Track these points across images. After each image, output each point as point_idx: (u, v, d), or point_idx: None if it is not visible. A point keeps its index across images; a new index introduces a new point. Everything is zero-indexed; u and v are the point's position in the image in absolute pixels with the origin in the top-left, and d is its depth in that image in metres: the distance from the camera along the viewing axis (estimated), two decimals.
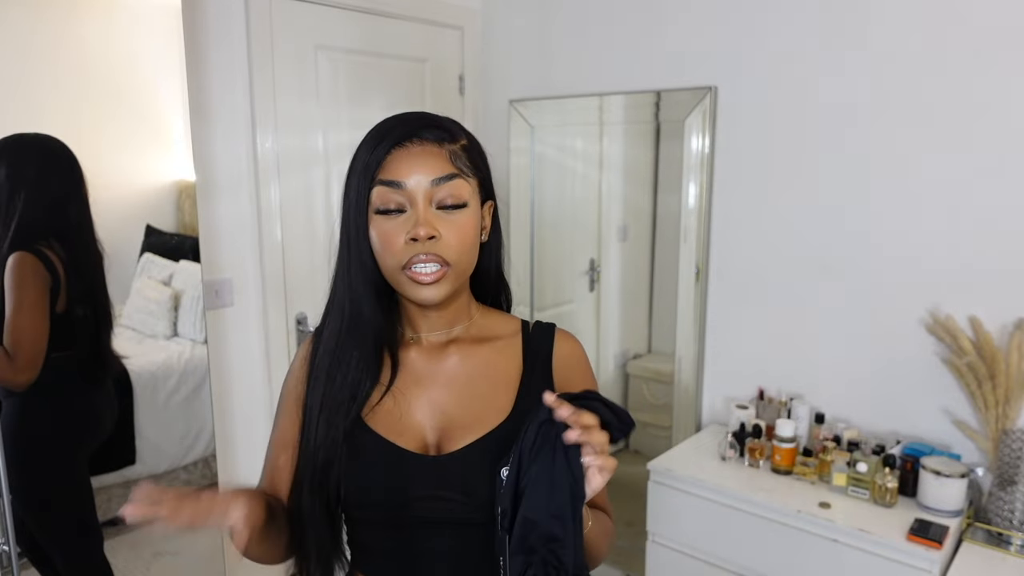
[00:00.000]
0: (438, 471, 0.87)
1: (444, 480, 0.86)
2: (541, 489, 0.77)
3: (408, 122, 0.87)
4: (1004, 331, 1.84)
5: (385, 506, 0.87)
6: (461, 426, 0.89)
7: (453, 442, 0.88)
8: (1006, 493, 1.77)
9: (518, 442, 0.80)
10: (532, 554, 0.78)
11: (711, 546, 2.02)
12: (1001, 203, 1.83)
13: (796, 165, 2.16)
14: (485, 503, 0.85)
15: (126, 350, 1.89)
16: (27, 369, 1.61)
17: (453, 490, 0.86)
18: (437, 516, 0.87)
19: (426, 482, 0.86)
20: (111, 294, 1.81)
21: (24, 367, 1.61)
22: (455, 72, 2.80)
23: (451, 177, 0.84)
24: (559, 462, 0.77)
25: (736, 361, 2.37)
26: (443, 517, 0.87)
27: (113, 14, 1.74)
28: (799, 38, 2.11)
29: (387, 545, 0.90)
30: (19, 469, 1.63)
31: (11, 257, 1.58)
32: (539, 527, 0.78)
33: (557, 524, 0.77)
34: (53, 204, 1.68)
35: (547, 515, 0.78)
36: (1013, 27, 1.77)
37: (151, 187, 1.91)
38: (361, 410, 0.90)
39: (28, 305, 1.59)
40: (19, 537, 1.68)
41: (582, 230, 2.97)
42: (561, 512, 0.77)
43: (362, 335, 0.89)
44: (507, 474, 0.80)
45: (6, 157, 1.57)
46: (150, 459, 1.92)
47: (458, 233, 0.85)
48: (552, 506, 0.77)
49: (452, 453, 0.88)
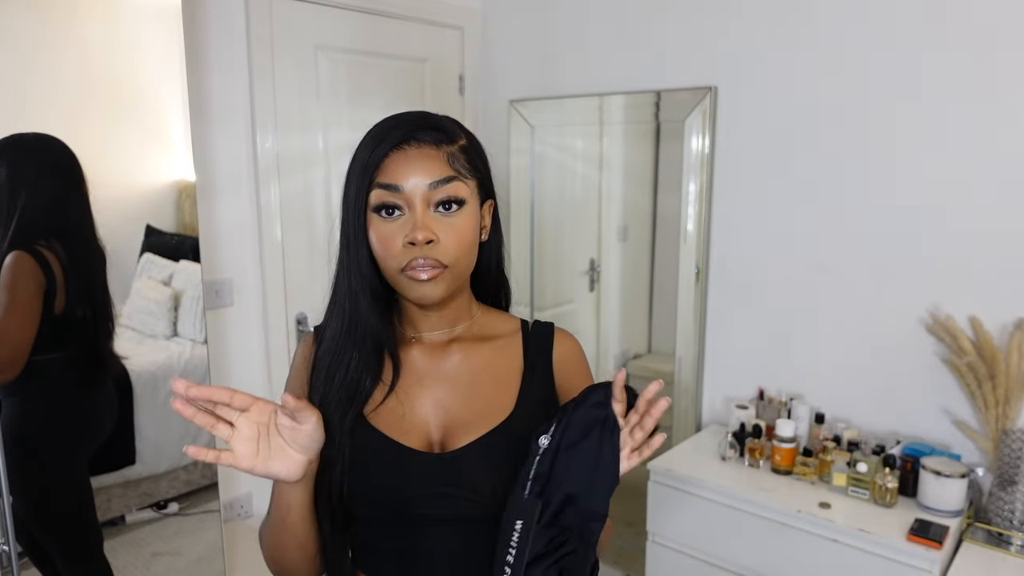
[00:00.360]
0: (443, 468, 0.87)
1: (449, 477, 0.87)
2: (586, 466, 0.80)
3: (406, 123, 0.86)
4: (1004, 331, 1.84)
5: (390, 504, 0.88)
6: (464, 424, 0.90)
7: (457, 440, 0.89)
8: (1006, 493, 1.77)
9: (566, 414, 0.83)
10: (567, 531, 0.80)
11: (711, 546, 2.02)
12: (1001, 203, 1.83)
13: (796, 165, 2.16)
14: (489, 499, 0.86)
15: (126, 350, 1.89)
16: (6, 369, 1.61)
17: (458, 487, 0.87)
18: (441, 513, 0.87)
19: (431, 479, 0.87)
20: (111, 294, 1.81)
21: (3, 367, 1.61)
22: (455, 72, 2.81)
23: (448, 180, 0.84)
24: (606, 445, 0.80)
25: (736, 361, 2.37)
26: (447, 514, 0.87)
27: (113, 14, 1.74)
28: (799, 38, 2.11)
29: (389, 544, 0.91)
30: (19, 469, 1.63)
31: (8, 256, 1.58)
32: (579, 503, 0.80)
33: (598, 503, 0.80)
34: (53, 204, 1.68)
35: (589, 492, 0.80)
36: (1014, 25, 1.77)
37: (151, 187, 1.90)
38: (361, 410, 0.90)
39: (17, 306, 1.59)
40: (20, 537, 1.68)
41: (582, 230, 2.97)
42: (603, 493, 0.80)
43: (361, 335, 0.90)
44: (547, 443, 0.82)
45: (6, 157, 1.58)
46: (150, 459, 1.92)
47: (455, 235, 0.85)
48: (596, 485, 0.80)
49: (456, 450, 0.88)
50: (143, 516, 1.95)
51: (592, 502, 0.80)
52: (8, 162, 1.58)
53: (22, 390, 1.67)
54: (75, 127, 1.65)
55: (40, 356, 1.68)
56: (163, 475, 1.97)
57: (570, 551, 0.80)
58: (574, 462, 0.81)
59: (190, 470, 2.02)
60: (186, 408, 0.75)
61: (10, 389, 1.65)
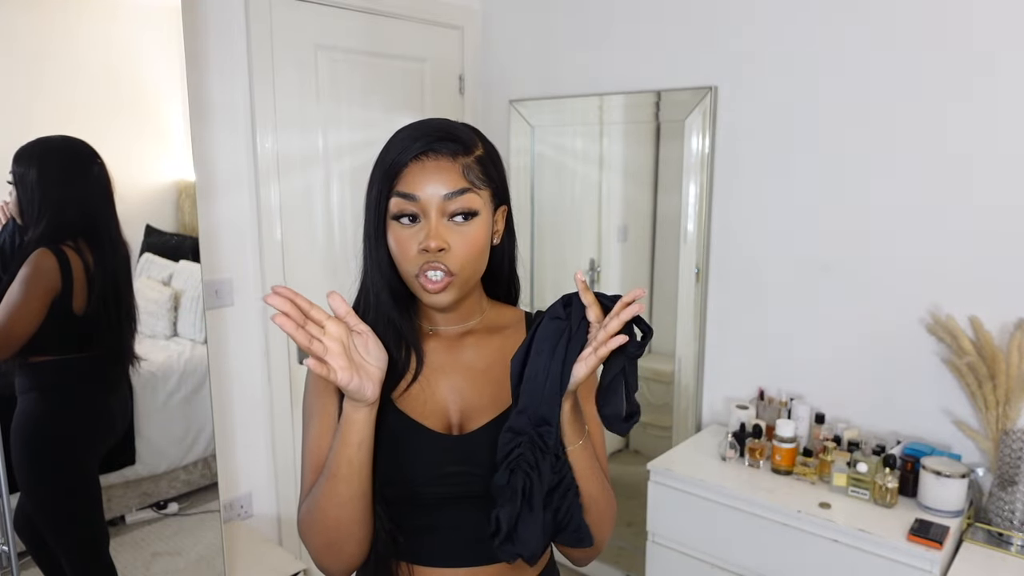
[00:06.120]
0: (463, 448, 0.95)
1: (469, 456, 0.94)
2: (539, 379, 0.86)
3: (426, 134, 0.92)
4: (1004, 331, 1.84)
5: (415, 482, 0.94)
6: (479, 408, 0.98)
7: (473, 422, 0.97)
8: (1006, 493, 1.77)
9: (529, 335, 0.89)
10: (521, 435, 0.87)
11: (711, 546, 2.02)
12: (1001, 203, 1.83)
13: (796, 165, 2.16)
14: None
15: None
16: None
17: (477, 465, 0.93)
18: (461, 491, 0.94)
19: (453, 459, 0.94)
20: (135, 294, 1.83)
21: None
22: (455, 72, 2.80)
23: (462, 192, 0.90)
24: (557, 356, 0.86)
25: (736, 361, 2.37)
26: (467, 492, 0.94)
27: (113, 14, 1.74)
28: (799, 38, 2.11)
29: (410, 522, 0.96)
30: (33, 469, 1.63)
31: (33, 252, 1.61)
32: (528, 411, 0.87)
33: (547, 408, 0.86)
34: (80, 204, 1.71)
35: (539, 401, 0.86)
36: (1014, 25, 1.77)
37: (151, 187, 1.90)
38: (390, 394, 0.96)
39: (15, 303, 1.60)
40: (28, 537, 1.68)
41: (582, 230, 2.97)
42: (550, 399, 0.86)
43: (384, 328, 0.96)
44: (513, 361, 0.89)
45: (35, 160, 1.60)
46: (150, 459, 1.92)
47: (467, 244, 0.91)
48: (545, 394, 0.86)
49: (474, 432, 0.96)
50: (143, 516, 1.95)
51: (542, 409, 0.86)
52: (38, 164, 1.61)
53: (41, 388, 1.67)
54: (74, 127, 1.65)
55: (62, 355, 1.69)
56: (163, 475, 1.97)
57: (520, 454, 0.87)
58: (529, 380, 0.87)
59: (190, 470, 2.02)
60: (287, 322, 0.79)
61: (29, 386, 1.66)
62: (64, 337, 1.69)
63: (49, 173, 1.63)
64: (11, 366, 1.64)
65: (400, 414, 0.96)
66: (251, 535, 2.27)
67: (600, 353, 0.83)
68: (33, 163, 1.60)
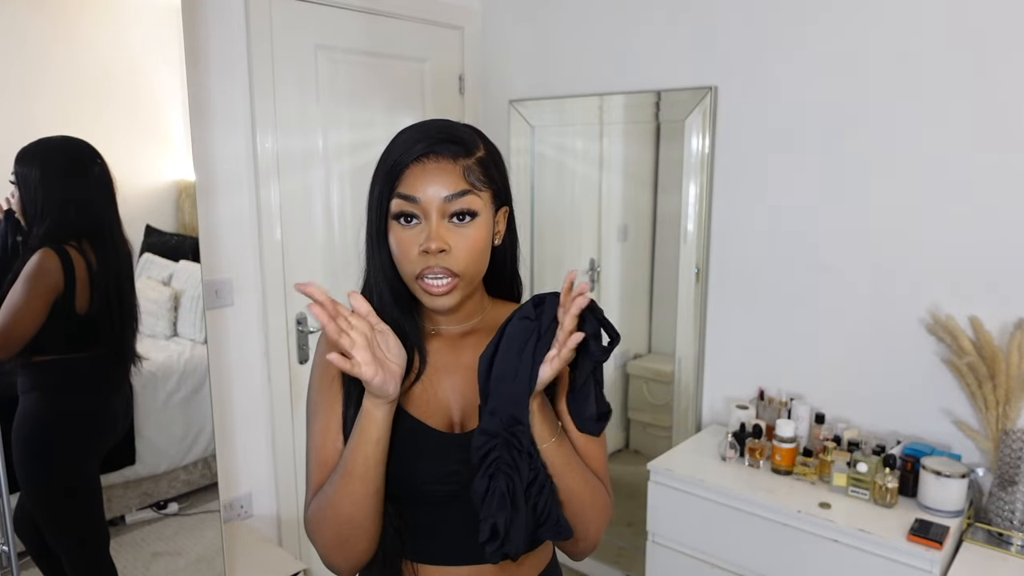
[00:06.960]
0: (465, 446, 0.94)
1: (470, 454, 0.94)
2: (507, 379, 0.88)
3: (428, 135, 0.92)
4: (1004, 331, 1.84)
5: (420, 480, 0.95)
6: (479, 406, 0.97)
7: (474, 421, 0.97)
8: (1006, 493, 1.77)
9: (497, 333, 0.90)
10: (495, 437, 0.88)
11: (711, 546, 2.02)
12: (1001, 203, 1.83)
13: (796, 165, 2.16)
14: None
15: None
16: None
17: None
18: (464, 489, 0.93)
19: (456, 457, 0.95)
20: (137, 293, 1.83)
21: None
22: (455, 72, 2.80)
23: (463, 193, 0.91)
24: (525, 357, 0.87)
25: (736, 361, 2.37)
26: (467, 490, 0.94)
27: (113, 14, 1.74)
28: (799, 38, 2.11)
29: (414, 520, 0.97)
30: (34, 468, 1.63)
31: (36, 252, 1.61)
32: (500, 412, 0.88)
33: (517, 408, 0.87)
34: (83, 204, 1.72)
35: (509, 401, 0.87)
36: (1014, 25, 1.77)
37: (151, 187, 1.90)
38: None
39: (23, 300, 1.60)
40: (28, 537, 1.68)
41: (582, 230, 2.97)
42: (519, 399, 0.87)
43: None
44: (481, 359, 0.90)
45: (38, 160, 1.61)
46: (150, 459, 1.92)
47: (468, 245, 0.91)
48: (514, 394, 0.87)
49: (474, 430, 0.95)
50: (143, 516, 1.95)
51: (512, 409, 0.88)
52: (40, 164, 1.61)
53: (43, 388, 1.67)
54: (74, 127, 1.65)
55: (64, 355, 1.69)
56: (163, 475, 1.97)
57: (498, 456, 0.88)
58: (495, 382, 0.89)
59: (190, 470, 2.02)
60: (322, 312, 0.81)
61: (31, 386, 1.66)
62: (66, 337, 1.69)
63: (51, 173, 1.64)
64: (13, 366, 1.64)
65: (404, 413, 0.97)
66: (251, 535, 2.27)
67: (563, 355, 0.84)
68: (35, 163, 1.60)
